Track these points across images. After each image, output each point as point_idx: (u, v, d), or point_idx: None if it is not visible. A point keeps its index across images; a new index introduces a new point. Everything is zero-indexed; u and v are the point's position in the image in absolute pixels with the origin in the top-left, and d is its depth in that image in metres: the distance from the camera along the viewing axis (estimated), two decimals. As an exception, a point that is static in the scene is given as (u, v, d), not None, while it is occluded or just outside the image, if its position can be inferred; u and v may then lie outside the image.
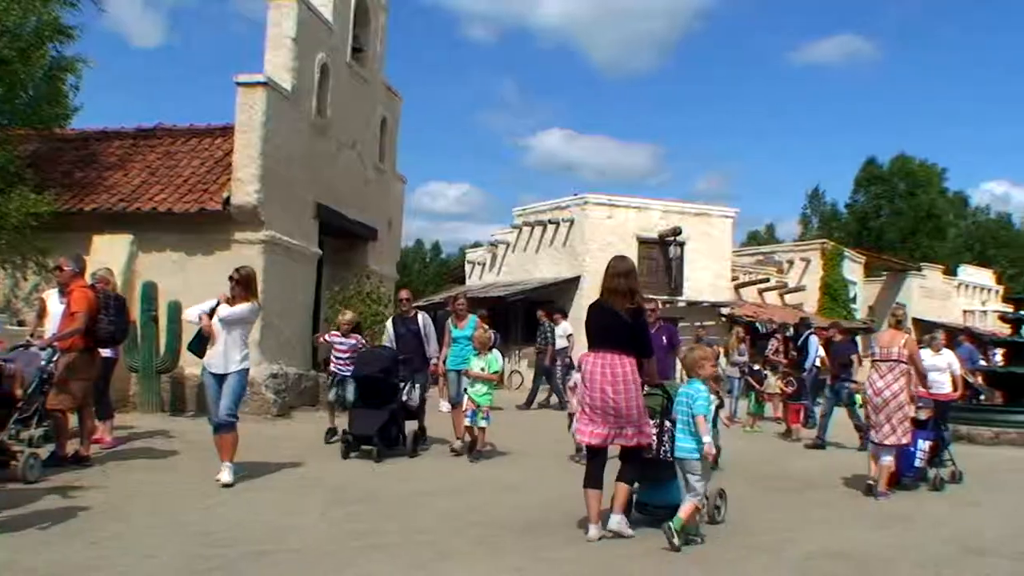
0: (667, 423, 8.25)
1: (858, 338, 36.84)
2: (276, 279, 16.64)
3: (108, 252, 15.83)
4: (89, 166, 18.70)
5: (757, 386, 19.20)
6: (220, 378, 9.89)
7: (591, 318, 8.00)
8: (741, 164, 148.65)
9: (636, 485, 8.23)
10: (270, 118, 16.28)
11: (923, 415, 11.77)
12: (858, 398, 23.84)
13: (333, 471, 10.95)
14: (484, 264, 38.06)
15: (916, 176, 71.81)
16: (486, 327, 13.28)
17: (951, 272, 52.21)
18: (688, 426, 7.80)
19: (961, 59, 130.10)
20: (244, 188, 16.13)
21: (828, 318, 35.33)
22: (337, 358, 14.09)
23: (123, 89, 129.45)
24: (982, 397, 21.41)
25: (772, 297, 38.74)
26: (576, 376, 11.56)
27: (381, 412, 12.33)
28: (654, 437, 8.15)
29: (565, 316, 22.61)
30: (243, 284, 10.01)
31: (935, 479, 11.66)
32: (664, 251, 32.61)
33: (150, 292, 15.72)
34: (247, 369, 10.14)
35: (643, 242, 32.31)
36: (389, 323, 14.13)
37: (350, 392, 13.19)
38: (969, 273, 53.74)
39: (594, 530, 7.66)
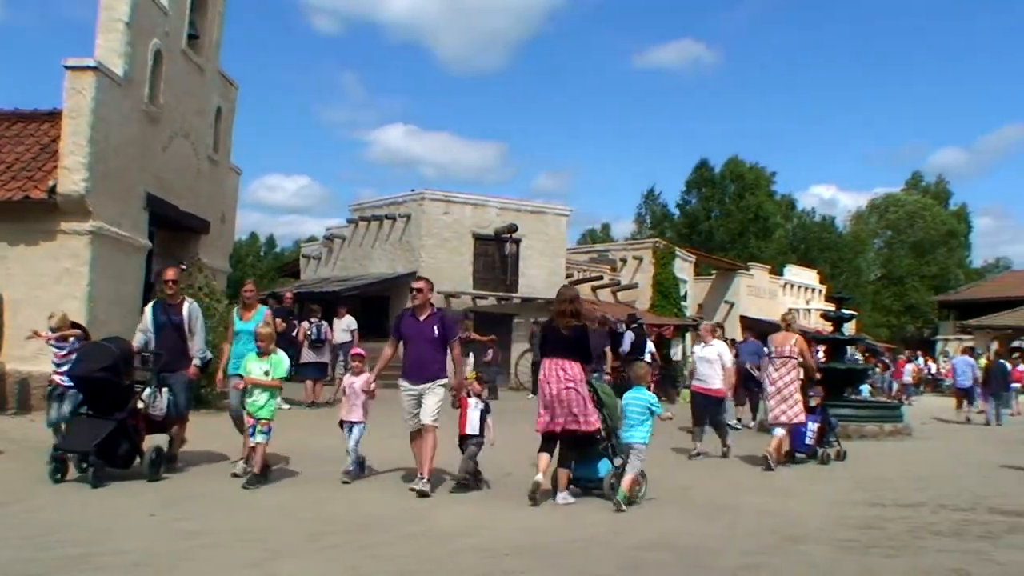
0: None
1: (688, 334, 37.83)
2: (103, 271, 16.16)
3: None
4: (-97, 150, 17.75)
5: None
6: None
7: (543, 334, 10.49)
8: (582, 163, 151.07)
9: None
10: (100, 104, 15.78)
11: (813, 401, 14.24)
12: (685, 393, 23.74)
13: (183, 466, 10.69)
14: (320, 258, 37.64)
15: (746, 179, 73.84)
16: (272, 320, 11.67)
17: (777, 272, 53.83)
18: (638, 421, 9.95)
19: (795, 67, 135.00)
20: (71, 176, 15.58)
21: (659, 315, 36.13)
22: (56, 365, 11.77)
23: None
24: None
25: (605, 294, 39.24)
26: (349, 378, 11.25)
27: (105, 422, 9.81)
28: (596, 423, 9.97)
29: (349, 310, 22.14)
30: None
31: (822, 455, 14.12)
32: (500, 248, 32.74)
33: (-31, 284, 15.08)
34: None
35: (479, 238, 32.41)
36: (148, 309, 11.50)
37: (67, 407, 10.97)
38: (794, 273, 55.51)
39: (540, 476, 9.67)
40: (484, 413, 10.70)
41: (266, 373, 10.35)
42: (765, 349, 22.11)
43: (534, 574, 6.73)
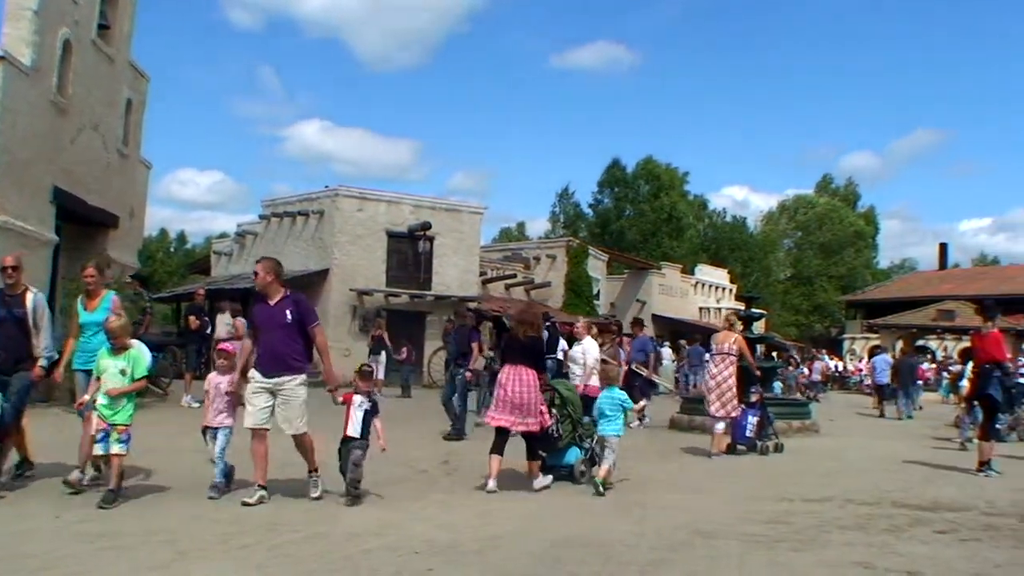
0: (557, 411, 11.22)
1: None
2: (9, 265, 15.82)
3: None
4: None
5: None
6: None
7: (506, 344, 11.60)
8: (500, 162, 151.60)
9: (544, 454, 11.14)
10: (6, 94, 15.49)
11: (754, 397, 15.18)
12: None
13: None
14: (231, 255, 37.23)
15: (661, 179, 74.45)
16: (122, 313, 9.65)
17: (689, 271, 54.40)
18: (612, 416, 10.94)
19: (712, 69, 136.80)
20: (-25, 168, 15.27)
21: (572, 313, 36.29)
22: None
23: None
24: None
25: (519, 292, 39.39)
26: (215, 377, 9.80)
27: None
28: (549, 422, 10.97)
29: (239, 307, 21.30)
30: None
31: (761, 447, 14.98)
32: (413, 245, 32.71)
33: None
34: None
35: (393, 236, 32.35)
36: None
37: None
38: (705, 272, 56.16)
39: (491, 483, 10.23)
40: (370, 413, 9.51)
41: (122, 372, 8.89)
42: (653, 345, 22.34)
43: (445, 572, 6.71)
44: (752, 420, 15.05)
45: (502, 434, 10.79)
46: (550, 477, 10.89)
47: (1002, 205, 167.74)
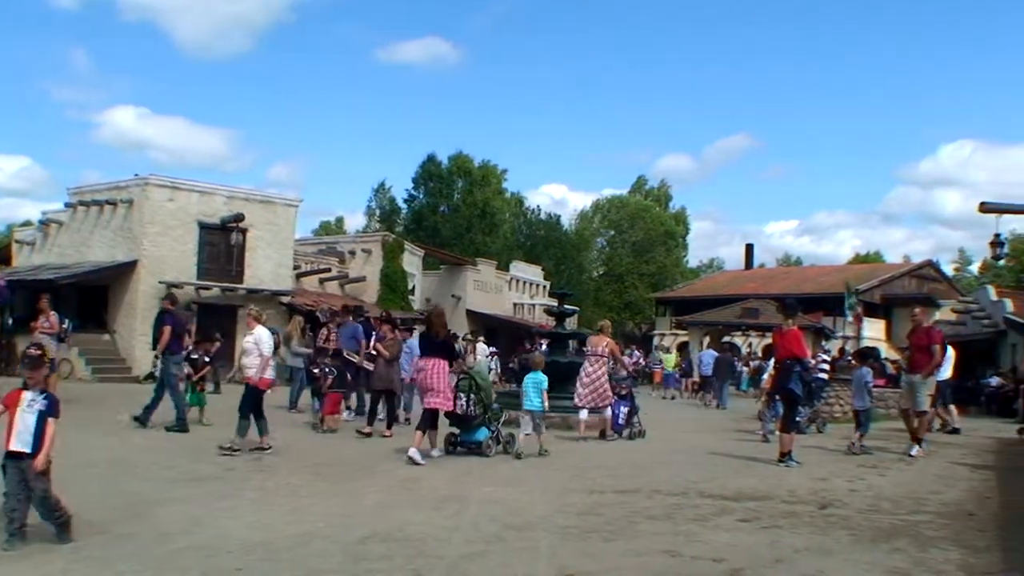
0: (471, 395, 13.59)
1: (415, 328, 38.18)
2: None
3: None
4: None
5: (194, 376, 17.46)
6: None
7: (422, 340, 14.13)
8: (320, 155, 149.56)
9: (457, 431, 13.92)
10: None
11: (623, 391, 17.52)
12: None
13: None
14: (34, 244, 35.87)
15: (474, 175, 74.75)
16: None
17: (504, 267, 54.80)
18: (538, 394, 14.04)
19: (536, 70, 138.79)
20: None
21: (387, 308, 36.27)
22: None
23: None
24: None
25: (333, 287, 39.15)
26: None
27: None
28: (451, 404, 13.46)
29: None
30: None
31: (630, 433, 17.26)
32: (226, 237, 32.15)
33: None
34: None
35: (205, 227, 31.74)
36: None
37: None
38: (520, 269, 56.69)
39: (412, 451, 12.45)
40: (44, 415, 7.10)
41: None
42: (373, 332, 22.16)
43: (255, 571, 6.62)
44: (623, 410, 17.37)
45: (430, 415, 13.29)
46: (419, 455, 12.54)
47: (807, 208, 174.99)
